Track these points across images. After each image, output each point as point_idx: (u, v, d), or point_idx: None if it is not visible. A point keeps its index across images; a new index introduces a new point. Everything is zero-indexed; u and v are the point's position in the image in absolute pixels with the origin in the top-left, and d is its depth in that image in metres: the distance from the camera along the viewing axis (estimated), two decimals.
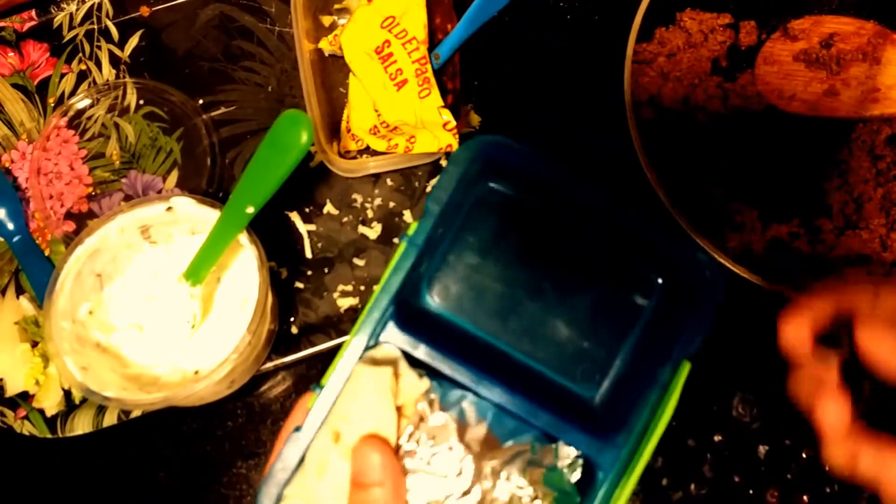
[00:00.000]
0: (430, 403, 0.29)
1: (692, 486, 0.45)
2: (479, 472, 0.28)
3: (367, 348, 0.31)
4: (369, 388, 0.29)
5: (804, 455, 0.45)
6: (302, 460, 0.30)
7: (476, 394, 0.30)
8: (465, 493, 0.28)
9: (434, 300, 0.34)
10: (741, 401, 0.45)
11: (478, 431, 0.29)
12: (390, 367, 0.30)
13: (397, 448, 0.29)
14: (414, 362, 0.31)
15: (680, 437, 0.45)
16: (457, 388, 0.30)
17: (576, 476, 0.29)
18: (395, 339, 0.31)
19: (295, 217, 0.50)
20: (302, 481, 0.29)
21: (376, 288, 0.32)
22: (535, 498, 0.28)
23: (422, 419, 0.29)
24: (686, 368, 0.32)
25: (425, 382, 0.30)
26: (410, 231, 0.32)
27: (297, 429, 0.30)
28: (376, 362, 0.30)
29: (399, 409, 0.29)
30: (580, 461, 0.30)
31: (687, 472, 0.45)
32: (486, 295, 0.35)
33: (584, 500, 0.29)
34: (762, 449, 0.45)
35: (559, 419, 0.30)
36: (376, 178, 0.51)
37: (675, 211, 0.43)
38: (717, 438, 0.45)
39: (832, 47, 0.50)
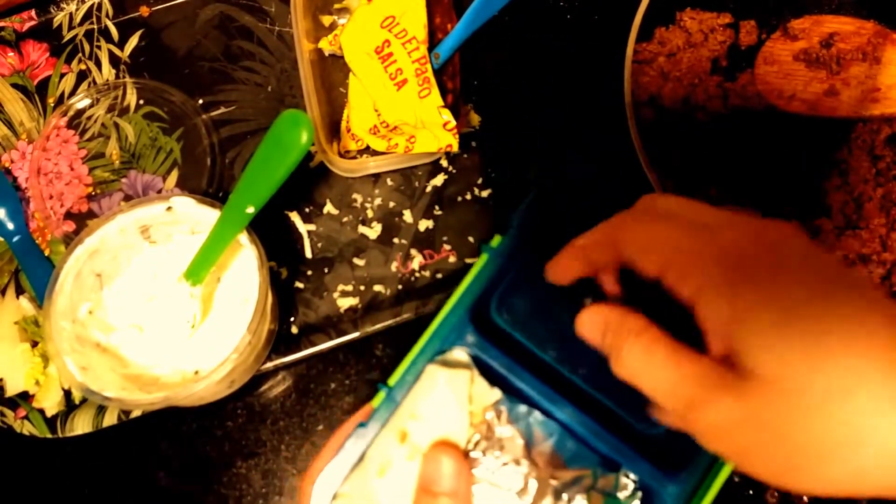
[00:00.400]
0: (499, 415, 0.29)
1: None
2: (544, 491, 0.28)
3: (440, 351, 0.31)
4: (444, 389, 0.29)
5: None
6: (362, 458, 0.29)
7: (544, 411, 0.30)
8: None
9: (503, 317, 0.34)
10: None
11: (543, 449, 0.29)
12: (468, 371, 0.30)
13: (465, 455, 0.29)
14: (484, 372, 0.31)
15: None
16: (525, 403, 0.30)
17: None
18: (471, 348, 0.31)
19: (295, 217, 0.50)
20: (360, 479, 0.29)
21: (454, 294, 0.31)
22: None
23: (490, 429, 0.29)
24: None
25: (496, 393, 0.30)
26: (494, 243, 0.32)
27: (362, 424, 0.29)
28: (448, 366, 0.30)
29: (469, 415, 0.29)
30: (639, 493, 0.29)
31: None
32: (552, 320, 0.35)
33: None
34: None
35: (623, 445, 0.30)
36: (376, 177, 0.51)
37: None
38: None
39: (832, 47, 0.50)
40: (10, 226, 0.50)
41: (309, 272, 0.49)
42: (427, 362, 0.30)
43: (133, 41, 0.54)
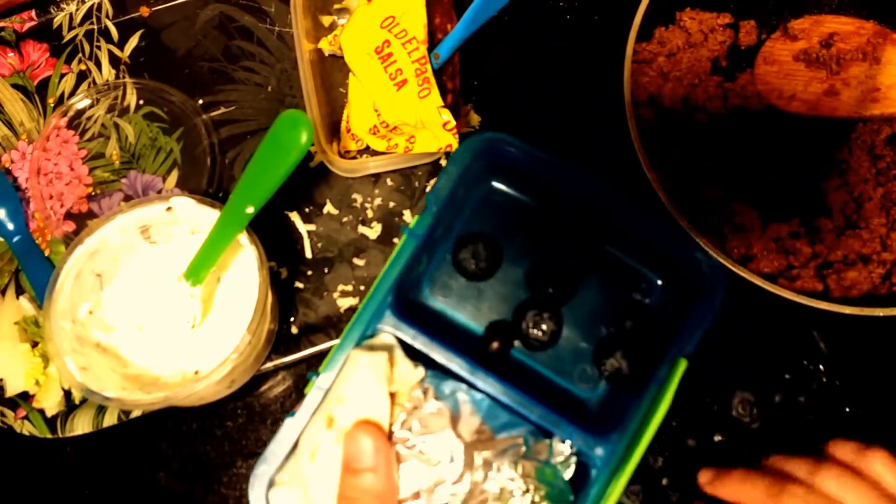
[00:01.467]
0: (425, 392, 0.30)
1: (693, 486, 0.45)
2: (471, 462, 0.28)
3: (365, 336, 0.31)
4: (364, 372, 0.29)
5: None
6: (295, 446, 0.30)
7: (471, 385, 0.30)
8: (456, 481, 0.28)
9: (435, 296, 0.34)
10: (741, 401, 0.45)
11: (471, 422, 0.29)
12: (385, 352, 0.30)
13: (390, 434, 0.29)
14: (411, 353, 0.31)
15: (680, 438, 0.45)
16: (452, 379, 0.30)
17: (569, 473, 0.30)
18: (392, 329, 0.31)
19: (295, 217, 0.50)
20: (295, 466, 0.29)
21: (375, 280, 0.32)
22: (527, 492, 0.28)
23: (415, 408, 0.29)
24: (682, 366, 0.32)
25: (420, 371, 0.30)
26: (411, 224, 0.33)
27: (291, 414, 0.30)
28: (373, 349, 0.30)
29: (393, 396, 0.29)
30: (574, 458, 0.30)
31: (687, 472, 0.45)
32: (485, 293, 0.35)
33: (578, 498, 0.30)
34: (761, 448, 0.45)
35: (554, 413, 0.30)
36: (376, 177, 0.51)
37: (675, 211, 0.43)
38: (717, 438, 0.45)
39: (832, 47, 0.50)
40: (11, 226, 0.50)
41: (309, 272, 0.49)
42: (352, 348, 0.31)
43: (133, 41, 0.54)
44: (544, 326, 0.33)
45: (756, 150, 0.49)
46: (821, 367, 0.47)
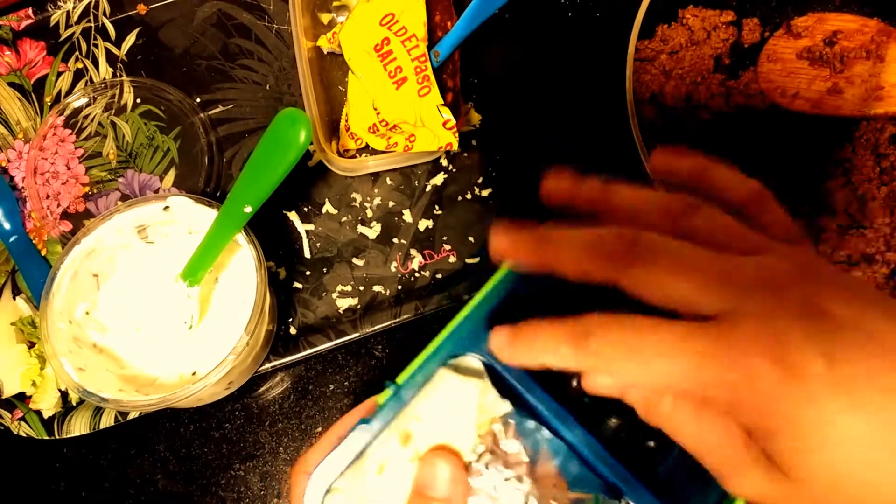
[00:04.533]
0: (506, 428, 0.28)
1: None
2: None
3: (453, 355, 0.30)
4: (453, 395, 0.28)
5: None
6: (361, 454, 0.28)
7: (552, 430, 0.29)
8: None
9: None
10: None
11: (548, 468, 0.28)
12: (477, 379, 0.29)
13: (467, 465, 0.28)
14: (496, 383, 0.30)
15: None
16: (534, 419, 0.29)
17: None
18: (483, 354, 0.30)
19: (293, 216, 0.50)
20: (357, 476, 0.28)
21: (474, 297, 0.30)
22: None
23: (495, 442, 0.28)
24: None
25: (507, 405, 0.29)
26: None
27: (365, 421, 0.28)
28: (459, 372, 0.29)
29: (476, 426, 0.29)
30: None
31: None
32: None
33: None
34: None
35: (629, 474, 0.29)
36: (375, 177, 0.51)
37: None
38: None
39: (836, 45, 0.50)
40: (7, 226, 0.50)
41: (307, 272, 0.49)
42: (439, 365, 0.29)
43: (130, 39, 0.54)
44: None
45: (759, 149, 0.49)
46: None
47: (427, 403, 0.29)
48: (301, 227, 0.50)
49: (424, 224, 0.50)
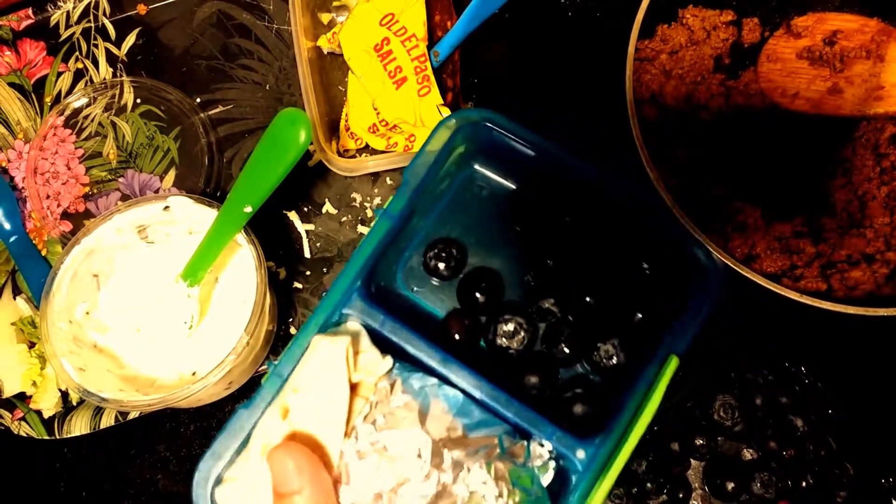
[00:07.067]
0: (392, 385, 0.27)
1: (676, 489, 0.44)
2: (440, 462, 0.26)
3: (331, 323, 0.29)
4: (323, 359, 0.27)
5: (784, 455, 0.45)
6: (248, 439, 0.27)
7: (443, 379, 0.28)
8: (422, 481, 0.26)
9: (409, 288, 0.32)
10: (722, 404, 0.45)
11: (441, 419, 0.27)
12: (348, 337, 0.27)
13: (351, 429, 0.27)
14: (380, 344, 0.28)
15: (663, 441, 0.45)
16: (422, 373, 0.28)
17: (548, 478, 0.27)
18: (359, 315, 0.28)
19: (293, 216, 0.50)
20: (245, 462, 0.27)
21: (347, 262, 0.29)
22: (500, 496, 0.26)
23: (380, 401, 0.27)
24: (673, 364, 0.30)
25: (388, 361, 0.28)
26: (385, 204, 0.31)
27: (245, 405, 0.28)
28: (332, 334, 0.28)
29: (356, 386, 0.27)
30: (553, 462, 0.27)
31: (670, 475, 0.45)
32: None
33: None
34: (745, 452, 0.45)
35: (532, 411, 0.28)
36: (375, 177, 0.51)
37: (678, 210, 0.43)
38: (698, 442, 0.45)
39: (836, 45, 0.49)
40: (7, 226, 0.50)
41: (308, 272, 0.49)
42: (314, 332, 0.28)
43: (130, 39, 0.54)
44: (514, 336, 0.30)
45: (759, 149, 0.49)
46: (802, 368, 0.46)
47: (302, 372, 0.28)
48: (301, 227, 0.50)
49: None
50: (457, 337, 0.30)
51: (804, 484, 0.44)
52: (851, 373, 0.47)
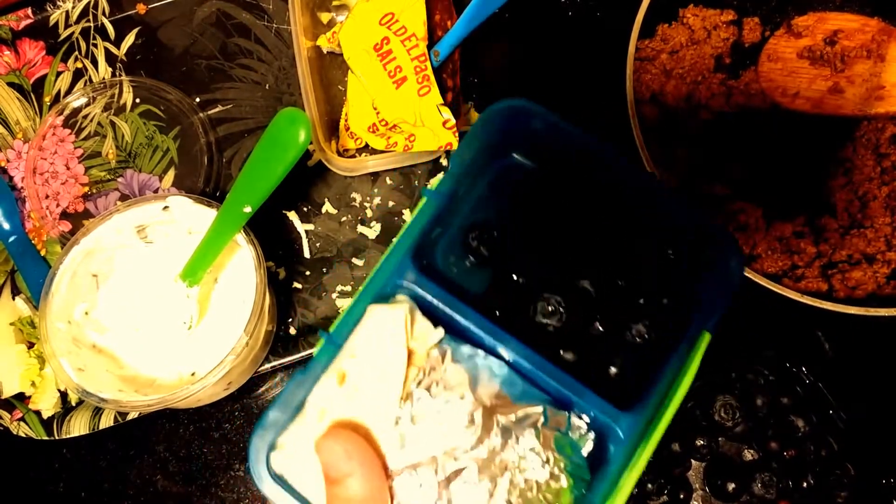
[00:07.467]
0: (443, 354, 0.28)
1: (680, 494, 0.44)
2: (490, 427, 0.27)
3: (382, 295, 0.30)
4: (380, 326, 0.28)
5: (785, 455, 0.45)
6: (302, 405, 0.28)
7: (490, 351, 0.29)
8: (474, 447, 0.27)
9: (447, 265, 0.33)
10: (723, 405, 0.45)
11: (489, 388, 0.28)
12: (406, 306, 0.29)
13: (407, 394, 0.28)
14: (428, 313, 0.30)
15: (663, 441, 0.44)
16: (470, 345, 0.29)
17: (587, 448, 0.28)
18: (413, 287, 0.30)
19: (293, 216, 0.50)
20: (301, 428, 0.28)
21: (395, 238, 0.30)
22: (546, 462, 0.27)
23: (433, 368, 0.28)
24: (706, 340, 0.31)
25: (440, 332, 0.29)
26: (432, 185, 0.31)
27: (301, 372, 0.28)
28: (394, 305, 0.29)
29: (410, 355, 0.28)
30: (592, 433, 0.28)
31: (671, 475, 0.45)
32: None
33: (595, 477, 0.28)
34: (746, 452, 0.45)
35: (574, 381, 0.29)
36: (375, 176, 0.51)
37: None
38: (699, 442, 0.44)
39: (836, 44, 0.49)
40: (6, 226, 0.50)
41: (307, 272, 0.49)
42: (369, 301, 0.29)
43: (129, 39, 0.54)
44: (553, 315, 0.32)
45: (760, 149, 0.48)
46: (803, 369, 0.46)
47: (358, 338, 0.28)
48: (301, 227, 0.50)
49: None
50: (497, 313, 0.32)
51: (805, 484, 0.44)
52: (852, 373, 0.47)
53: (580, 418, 0.29)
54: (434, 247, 0.33)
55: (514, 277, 0.33)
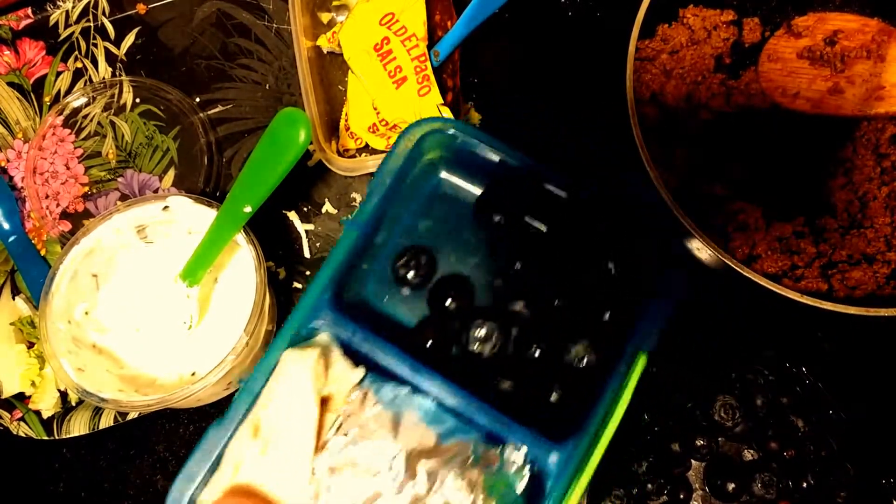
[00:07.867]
0: (364, 396, 0.27)
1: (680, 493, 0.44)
2: (413, 473, 0.26)
3: (301, 337, 0.28)
4: (290, 372, 0.27)
5: (785, 455, 0.45)
6: (219, 459, 0.27)
7: (414, 388, 0.28)
8: (396, 494, 0.25)
9: (379, 295, 0.32)
10: (723, 405, 0.45)
11: (414, 429, 0.27)
12: (317, 349, 0.27)
13: (323, 444, 0.26)
14: (352, 355, 0.28)
15: (664, 442, 0.45)
16: (394, 383, 0.28)
17: (523, 484, 0.27)
18: (330, 327, 0.28)
19: (293, 216, 0.50)
20: (218, 482, 0.27)
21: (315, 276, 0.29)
22: None
23: (352, 413, 0.27)
24: (642, 362, 0.30)
25: (360, 372, 0.27)
26: (352, 215, 0.30)
27: (217, 423, 0.27)
28: (301, 347, 0.28)
29: (327, 399, 0.27)
30: (528, 467, 0.27)
31: (670, 476, 0.45)
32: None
33: None
34: (746, 452, 0.45)
35: (506, 416, 0.27)
36: None
37: (678, 210, 0.43)
38: (699, 443, 0.44)
39: (836, 44, 0.49)
40: (6, 226, 0.50)
41: (307, 272, 0.49)
42: (285, 346, 0.28)
43: (129, 39, 0.54)
44: (487, 341, 0.30)
45: (760, 149, 0.48)
46: (803, 369, 0.46)
47: (271, 387, 0.27)
48: (301, 227, 0.50)
49: None
50: (429, 344, 0.30)
51: (805, 484, 0.44)
52: (852, 373, 0.47)
53: (517, 450, 0.27)
54: (365, 279, 0.32)
55: (447, 304, 0.32)
